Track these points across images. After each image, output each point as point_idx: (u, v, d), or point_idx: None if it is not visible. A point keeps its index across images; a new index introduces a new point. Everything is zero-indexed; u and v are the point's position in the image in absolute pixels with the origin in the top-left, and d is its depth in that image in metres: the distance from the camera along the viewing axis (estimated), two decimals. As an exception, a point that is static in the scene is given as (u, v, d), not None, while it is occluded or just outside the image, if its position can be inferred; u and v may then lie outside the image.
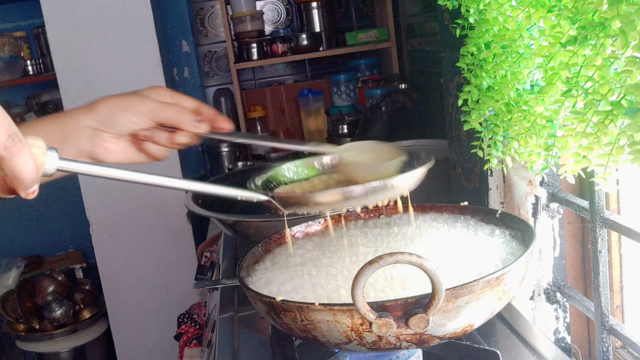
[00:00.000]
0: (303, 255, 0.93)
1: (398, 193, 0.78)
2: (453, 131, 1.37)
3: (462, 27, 0.90)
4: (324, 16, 2.79)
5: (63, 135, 0.73)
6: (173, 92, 0.79)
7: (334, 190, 0.75)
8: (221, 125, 0.79)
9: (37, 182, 0.52)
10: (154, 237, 2.61)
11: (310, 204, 0.74)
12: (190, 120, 0.75)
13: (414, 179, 0.78)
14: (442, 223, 0.95)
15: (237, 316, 1.13)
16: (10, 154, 0.48)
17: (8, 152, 0.48)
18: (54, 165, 0.55)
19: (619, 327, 0.90)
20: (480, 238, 0.88)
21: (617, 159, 0.62)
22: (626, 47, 0.57)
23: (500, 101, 0.83)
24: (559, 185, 1.07)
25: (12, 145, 0.48)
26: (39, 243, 3.27)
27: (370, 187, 0.73)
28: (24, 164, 0.49)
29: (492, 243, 0.86)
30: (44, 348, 2.72)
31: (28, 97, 3.14)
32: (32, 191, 0.52)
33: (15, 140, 0.48)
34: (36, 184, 0.52)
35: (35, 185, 0.52)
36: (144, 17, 2.47)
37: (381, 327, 0.65)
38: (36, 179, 0.51)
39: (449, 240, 0.89)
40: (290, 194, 0.76)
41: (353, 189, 0.73)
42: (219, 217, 1.24)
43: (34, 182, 0.51)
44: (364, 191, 0.73)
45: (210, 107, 0.80)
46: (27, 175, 0.50)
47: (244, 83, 3.05)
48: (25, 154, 0.49)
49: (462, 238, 0.89)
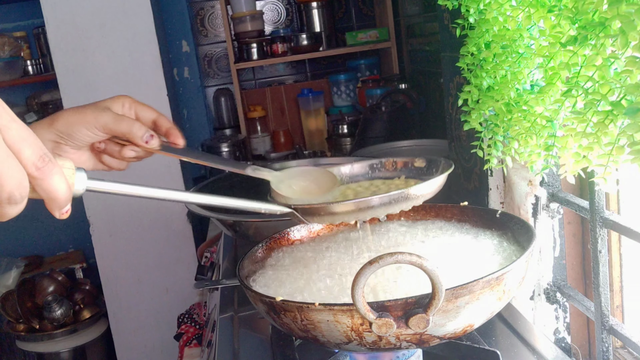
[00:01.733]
0: (304, 255, 0.93)
1: (420, 201, 0.78)
2: (453, 131, 1.37)
3: (462, 27, 0.90)
4: (324, 16, 2.79)
5: None
6: (134, 102, 0.80)
7: (354, 201, 0.75)
8: (174, 140, 0.80)
9: (70, 201, 0.52)
10: (154, 237, 2.61)
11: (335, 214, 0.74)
12: (141, 134, 0.75)
13: (436, 187, 0.79)
14: (443, 226, 0.95)
15: (237, 316, 1.13)
16: (43, 175, 0.48)
17: (40, 173, 0.48)
18: (83, 186, 0.56)
19: (619, 327, 0.90)
20: (480, 242, 0.88)
21: (617, 159, 0.62)
22: (626, 47, 0.57)
23: (500, 101, 0.83)
24: (559, 185, 1.07)
25: (44, 166, 0.48)
26: (39, 243, 3.27)
27: (394, 196, 0.73)
28: (57, 185, 0.50)
29: (492, 246, 0.86)
30: (44, 348, 2.72)
31: (28, 97, 3.14)
32: (66, 211, 0.52)
33: (46, 160, 0.48)
34: (69, 203, 0.52)
35: (68, 205, 0.52)
36: (144, 17, 2.46)
37: (381, 327, 0.65)
38: (69, 199, 0.51)
39: (450, 243, 0.89)
40: (312, 205, 0.76)
41: (374, 199, 0.73)
42: (219, 217, 1.24)
43: (67, 202, 0.51)
44: (388, 200, 0.73)
45: (168, 119, 0.80)
46: (60, 195, 0.50)
47: (244, 83, 3.05)
48: (57, 173, 0.49)
49: (462, 241, 0.89)
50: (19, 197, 0.47)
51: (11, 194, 0.46)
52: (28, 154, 0.47)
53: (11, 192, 0.46)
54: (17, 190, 0.46)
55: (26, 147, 0.47)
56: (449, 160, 0.83)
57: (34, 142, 0.48)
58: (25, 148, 0.47)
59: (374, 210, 0.74)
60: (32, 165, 0.48)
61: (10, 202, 0.47)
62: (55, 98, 2.90)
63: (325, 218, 0.76)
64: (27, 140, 0.47)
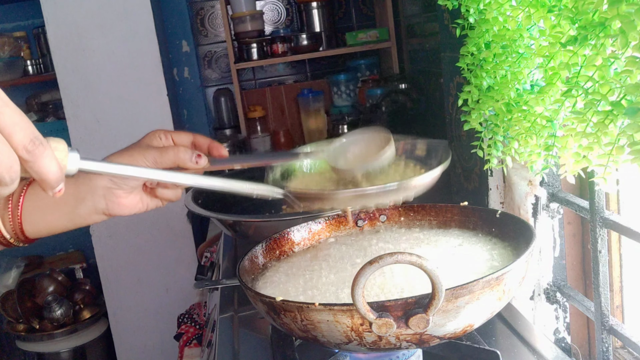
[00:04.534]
0: (304, 256, 0.93)
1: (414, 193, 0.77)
2: (453, 131, 1.37)
3: (462, 27, 0.90)
4: (324, 16, 2.79)
5: (77, 195, 0.76)
6: (168, 132, 0.81)
7: (350, 191, 0.75)
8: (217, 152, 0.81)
9: (61, 181, 0.54)
10: (154, 237, 2.61)
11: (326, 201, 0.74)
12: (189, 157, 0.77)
13: (431, 179, 0.77)
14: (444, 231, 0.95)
15: (237, 316, 1.13)
16: (34, 158, 0.50)
17: (31, 155, 0.50)
18: (76, 166, 0.59)
19: (619, 327, 0.89)
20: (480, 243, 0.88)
21: (617, 159, 0.62)
22: (626, 47, 0.57)
23: (500, 101, 0.83)
24: (559, 185, 1.07)
25: (34, 148, 0.50)
26: (39, 243, 3.24)
27: (387, 188, 0.73)
28: (48, 166, 0.52)
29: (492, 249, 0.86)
30: (44, 348, 2.72)
31: (28, 97, 3.14)
32: (59, 190, 0.54)
33: (36, 143, 0.50)
34: (61, 183, 0.54)
35: (60, 185, 0.54)
36: (144, 17, 2.47)
37: (381, 327, 0.65)
38: (60, 179, 0.54)
39: (449, 243, 0.89)
40: (306, 191, 0.76)
41: (369, 189, 0.73)
42: (219, 217, 1.24)
43: (59, 182, 0.54)
44: (381, 190, 0.73)
45: (204, 136, 0.82)
46: (51, 177, 0.53)
47: (244, 83, 3.05)
48: (47, 156, 0.52)
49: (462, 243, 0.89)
50: (9, 179, 0.49)
51: (1, 177, 0.48)
52: (19, 137, 0.49)
53: (1, 174, 0.48)
54: (7, 173, 0.49)
55: (18, 131, 0.49)
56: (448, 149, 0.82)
57: (25, 125, 0.49)
58: (17, 132, 0.49)
59: (367, 199, 0.74)
60: (23, 148, 0.49)
61: (1, 184, 0.49)
62: (55, 98, 2.89)
63: (318, 204, 0.75)
64: (19, 124, 0.49)
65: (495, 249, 0.85)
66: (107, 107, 2.49)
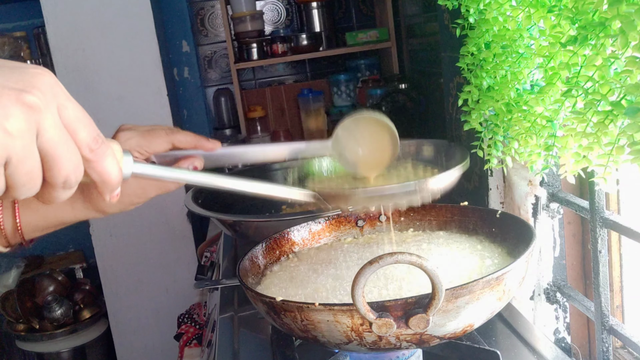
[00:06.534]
0: (304, 256, 0.93)
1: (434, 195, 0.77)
2: (453, 131, 1.37)
3: (462, 27, 0.90)
4: (323, 16, 2.79)
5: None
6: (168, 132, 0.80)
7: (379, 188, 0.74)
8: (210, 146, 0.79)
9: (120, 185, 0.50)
10: (154, 237, 2.61)
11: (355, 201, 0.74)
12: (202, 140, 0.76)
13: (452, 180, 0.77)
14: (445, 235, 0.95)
15: (237, 316, 1.13)
16: (97, 157, 0.46)
17: (94, 155, 0.46)
18: (130, 169, 0.54)
19: (619, 327, 0.89)
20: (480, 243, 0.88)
21: (617, 159, 0.62)
22: (626, 47, 0.57)
23: (500, 101, 0.83)
24: (559, 185, 1.07)
25: (97, 147, 0.46)
26: (39, 243, 3.27)
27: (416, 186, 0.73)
28: (110, 167, 0.48)
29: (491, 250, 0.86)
30: (44, 348, 2.72)
31: (28, 97, 3.14)
32: (117, 194, 0.50)
33: (99, 142, 0.47)
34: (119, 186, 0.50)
35: (118, 188, 0.50)
36: (144, 17, 2.47)
37: (381, 327, 0.65)
38: (120, 181, 0.50)
39: (449, 243, 0.89)
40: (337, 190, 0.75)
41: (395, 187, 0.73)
42: (219, 217, 1.24)
43: (118, 185, 0.50)
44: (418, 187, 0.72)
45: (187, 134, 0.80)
46: (113, 178, 0.48)
47: (244, 83, 3.05)
48: (109, 155, 0.48)
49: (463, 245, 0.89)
50: (74, 180, 0.45)
51: (67, 178, 0.44)
52: (83, 135, 0.45)
53: (68, 175, 0.44)
54: (73, 173, 0.45)
55: (81, 128, 0.45)
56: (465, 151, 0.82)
57: (88, 122, 0.46)
58: (81, 129, 0.45)
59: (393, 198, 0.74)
60: (87, 146, 0.45)
61: (65, 187, 0.45)
62: (55, 98, 2.89)
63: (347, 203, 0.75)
64: (82, 121, 0.45)
65: (496, 249, 0.85)
66: (107, 107, 2.49)
